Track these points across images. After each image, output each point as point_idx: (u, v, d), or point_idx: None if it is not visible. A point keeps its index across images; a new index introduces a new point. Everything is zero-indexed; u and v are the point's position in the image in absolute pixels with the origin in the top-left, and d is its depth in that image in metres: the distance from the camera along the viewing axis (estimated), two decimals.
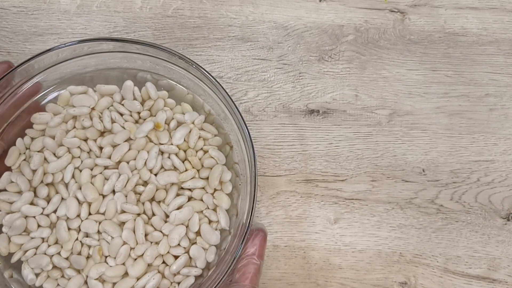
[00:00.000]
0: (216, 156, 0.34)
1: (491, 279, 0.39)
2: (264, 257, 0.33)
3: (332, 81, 0.41)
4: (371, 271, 0.39)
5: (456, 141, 0.41)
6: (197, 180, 0.34)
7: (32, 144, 0.34)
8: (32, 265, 0.32)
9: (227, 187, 0.35)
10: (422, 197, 0.40)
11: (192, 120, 0.35)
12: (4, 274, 0.33)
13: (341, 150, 0.40)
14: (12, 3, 0.40)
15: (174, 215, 0.33)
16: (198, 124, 0.35)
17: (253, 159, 0.32)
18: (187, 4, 0.41)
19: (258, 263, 0.31)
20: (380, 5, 0.42)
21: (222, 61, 0.41)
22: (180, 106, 0.36)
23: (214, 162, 0.35)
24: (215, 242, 0.34)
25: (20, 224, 0.32)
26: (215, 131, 0.35)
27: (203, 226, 0.33)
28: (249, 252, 0.32)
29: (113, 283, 0.32)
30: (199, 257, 0.33)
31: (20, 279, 0.33)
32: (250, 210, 0.31)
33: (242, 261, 0.31)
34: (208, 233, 0.33)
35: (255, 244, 0.32)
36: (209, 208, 0.34)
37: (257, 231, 0.33)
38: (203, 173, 0.34)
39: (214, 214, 0.34)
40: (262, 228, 0.34)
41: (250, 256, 0.31)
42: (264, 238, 0.33)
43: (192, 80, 0.35)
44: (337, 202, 0.40)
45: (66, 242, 0.32)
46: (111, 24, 0.40)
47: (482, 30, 0.43)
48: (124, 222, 0.33)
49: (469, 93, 0.42)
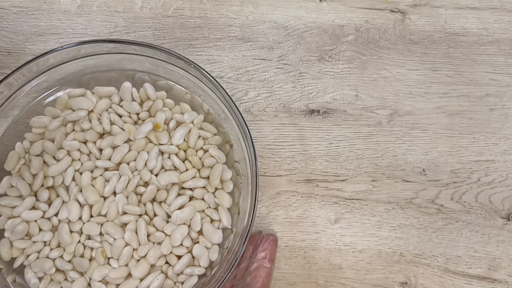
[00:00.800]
0: (216, 155, 0.34)
1: (492, 279, 0.39)
2: (275, 261, 0.33)
3: (333, 81, 0.41)
4: (371, 271, 0.39)
5: (456, 141, 0.41)
6: (198, 179, 0.34)
7: (32, 147, 0.34)
8: (35, 269, 0.32)
9: (228, 186, 0.35)
10: (423, 197, 0.40)
11: (192, 119, 0.35)
12: (7, 279, 0.33)
13: (341, 150, 0.40)
14: (13, 3, 0.40)
15: (176, 215, 0.33)
16: (197, 124, 0.35)
17: (254, 159, 0.32)
18: (188, 4, 0.41)
19: (269, 267, 0.32)
20: (381, 5, 0.42)
21: (223, 61, 0.41)
22: (179, 106, 0.36)
23: (215, 161, 0.35)
24: (218, 241, 0.34)
25: (22, 229, 0.32)
26: (215, 130, 0.35)
27: (205, 225, 0.33)
28: (260, 256, 0.32)
29: (117, 285, 0.32)
30: (202, 256, 0.33)
31: (23, 283, 0.33)
32: (252, 209, 0.31)
33: (253, 265, 0.32)
34: (211, 232, 0.33)
35: (265, 249, 0.32)
36: (210, 207, 0.34)
37: (267, 235, 0.34)
38: (203, 173, 0.34)
39: (216, 213, 0.34)
40: (273, 233, 0.34)
41: (261, 260, 0.32)
42: (275, 242, 0.33)
43: (191, 81, 0.35)
44: (338, 202, 0.40)
45: (68, 245, 0.32)
46: (111, 24, 0.40)
47: (483, 30, 0.43)
48: (126, 224, 0.33)
49: (469, 93, 0.42)
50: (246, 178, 0.34)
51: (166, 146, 0.34)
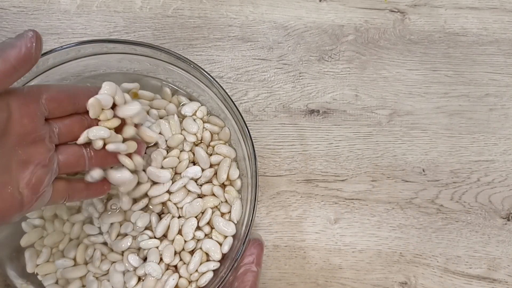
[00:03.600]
0: (224, 152, 0.35)
1: (491, 279, 0.39)
2: (262, 264, 0.34)
3: (332, 81, 0.41)
4: (371, 271, 0.39)
5: (456, 141, 0.41)
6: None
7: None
8: None
9: (236, 183, 0.35)
10: (422, 197, 0.40)
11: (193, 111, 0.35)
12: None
13: (341, 150, 0.40)
14: (12, 3, 0.40)
15: (185, 208, 0.33)
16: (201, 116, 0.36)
17: (253, 159, 0.32)
18: (187, 4, 0.41)
19: (256, 271, 0.33)
20: (380, 5, 0.42)
21: (222, 61, 0.41)
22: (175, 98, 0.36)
23: (221, 157, 0.35)
24: (231, 233, 0.34)
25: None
26: (222, 123, 0.36)
27: (216, 218, 0.34)
28: (247, 261, 0.33)
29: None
30: (216, 250, 0.33)
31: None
32: (252, 209, 0.31)
33: (240, 270, 0.32)
34: (223, 225, 0.34)
35: (252, 253, 0.33)
36: (222, 202, 0.35)
37: (253, 240, 0.34)
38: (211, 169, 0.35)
39: (227, 206, 0.35)
40: (258, 238, 0.35)
41: (248, 265, 0.32)
42: (261, 246, 0.34)
43: (191, 81, 0.35)
44: (337, 202, 0.40)
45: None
46: (111, 24, 0.40)
47: (482, 30, 0.43)
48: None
49: (469, 93, 0.42)
50: (246, 178, 0.34)
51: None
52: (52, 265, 0.33)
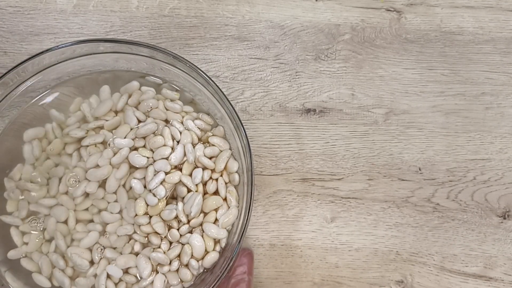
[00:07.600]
0: (218, 143, 0.35)
1: (488, 277, 0.39)
2: (253, 273, 0.35)
3: (329, 80, 0.41)
4: (367, 270, 0.39)
5: (452, 140, 0.41)
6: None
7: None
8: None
9: (234, 178, 0.35)
10: (419, 196, 0.40)
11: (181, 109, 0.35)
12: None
13: (337, 149, 0.40)
14: (9, 3, 0.40)
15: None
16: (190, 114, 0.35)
17: (249, 158, 0.32)
18: (184, 3, 0.41)
19: (247, 280, 0.33)
20: (376, 4, 0.42)
21: (219, 60, 0.41)
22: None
23: (218, 149, 0.35)
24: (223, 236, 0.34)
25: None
26: (210, 120, 0.36)
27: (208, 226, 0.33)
28: (239, 271, 0.33)
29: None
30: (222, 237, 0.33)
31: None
32: (248, 208, 0.31)
33: (232, 280, 0.33)
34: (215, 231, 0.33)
35: (243, 263, 0.34)
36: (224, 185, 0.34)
37: (243, 250, 0.35)
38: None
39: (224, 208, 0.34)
40: (248, 248, 0.35)
41: (240, 275, 0.33)
42: (251, 256, 0.35)
43: (187, 80, 0.35)
44: (334, 201, 0.40)
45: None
46: (107, 23, 0.40)
47: (478, 29, 0.43)
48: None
49: (465, 92, 0.42)
50: (242, 177, 0.34)
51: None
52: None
